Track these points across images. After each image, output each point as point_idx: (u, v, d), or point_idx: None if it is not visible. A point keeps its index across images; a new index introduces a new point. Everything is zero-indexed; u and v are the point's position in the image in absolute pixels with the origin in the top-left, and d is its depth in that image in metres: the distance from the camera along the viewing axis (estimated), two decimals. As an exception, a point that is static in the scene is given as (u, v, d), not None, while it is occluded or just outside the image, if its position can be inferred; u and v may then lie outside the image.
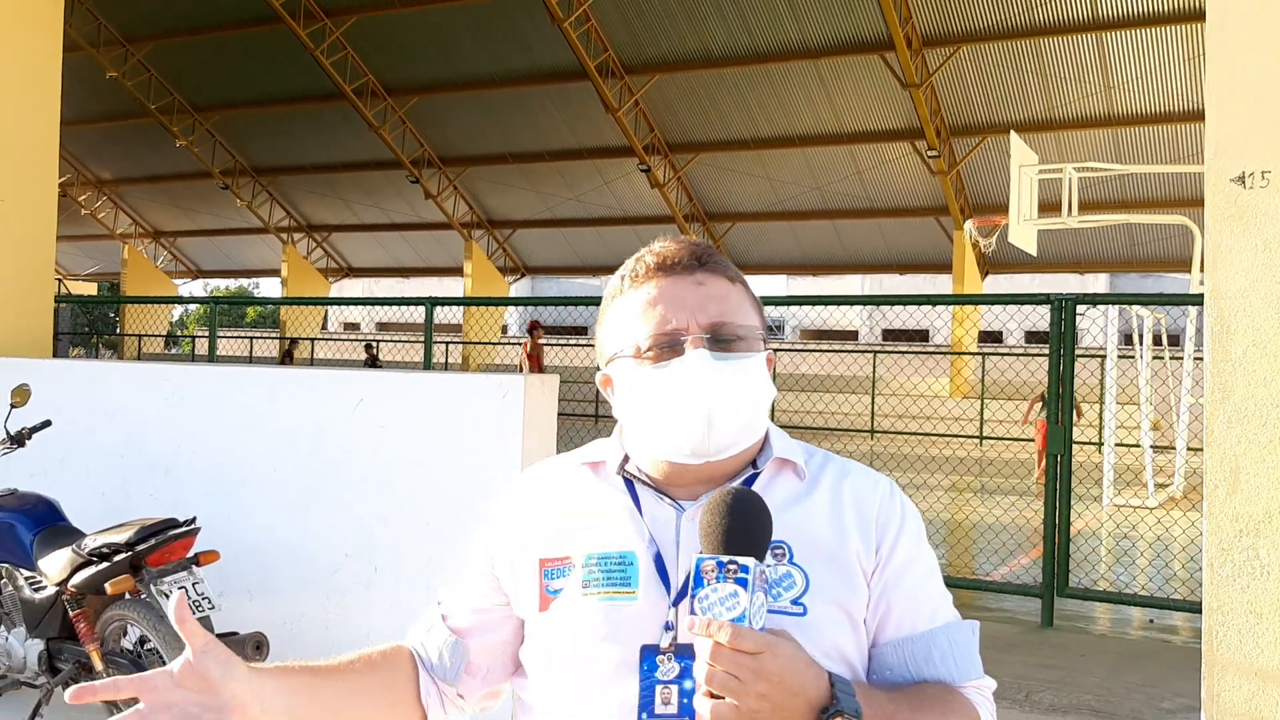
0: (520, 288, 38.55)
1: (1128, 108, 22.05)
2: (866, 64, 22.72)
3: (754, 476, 1.42)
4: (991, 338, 33.05)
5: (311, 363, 28.59)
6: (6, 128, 6.17)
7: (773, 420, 1.52)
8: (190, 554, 4.04)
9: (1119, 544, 9.67)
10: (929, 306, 10.76)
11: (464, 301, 18.37)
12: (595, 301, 6.47)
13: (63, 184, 34.38)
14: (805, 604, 1.33)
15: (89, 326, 40.14)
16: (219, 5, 25.42)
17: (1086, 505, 11.12)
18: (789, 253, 30.46)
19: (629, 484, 1.44)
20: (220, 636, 3.97)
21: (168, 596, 3.88)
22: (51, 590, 4.15)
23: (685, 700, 1.25)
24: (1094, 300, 6.10)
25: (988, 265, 27.03)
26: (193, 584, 3.96)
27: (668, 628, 1.30)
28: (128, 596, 4.00)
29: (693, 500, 1.39)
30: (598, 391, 1.48)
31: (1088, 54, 21.33)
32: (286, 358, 24.65)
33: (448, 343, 27.02)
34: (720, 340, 1.37)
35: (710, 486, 1.38)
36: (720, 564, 1.19)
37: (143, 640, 4.10)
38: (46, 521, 4.39)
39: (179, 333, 43.64)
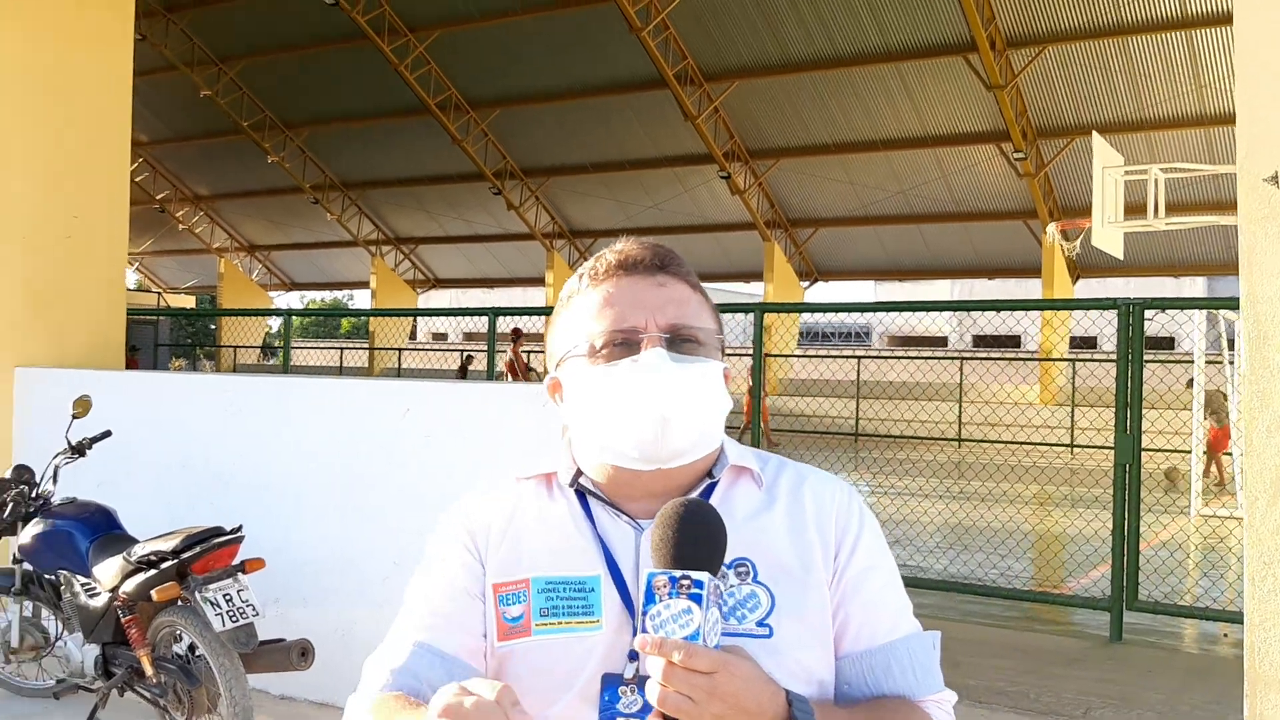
0: (604, 297, 38.72)
1: (1220, 107, 21.34)
2: (949, 66, 22.37)
3: (711, 487, 1.37)
4: (1085, 343, 32.26)
5: (399, 373, 29.08)
6: (80, 149, 6.35)
7: (857, 430, 1.46)
8: (236, 561, 4.10)
9: (1205, 556, 9.34)
10: (1019, 312, 10.57)
11: (523, 311, 18.43)
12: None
13: (161, 200, 35.57)
14: (771, 625, 1.28)
15: (191, 339, 41.29)
16: (307, 23, 26.03)
17: (1173, 516, 10.75)
18: (875, 258, 30.10)
19: (582, 499, 1.38)
20: (265, 643, 4.04)
21: (212, 604, 3.95)
22: (105, 596, 4.25)
23: None
24: (1163, 305, 5.88)
25: (1078, 269, 26.38)
26: (237, 591, 4.02)
27: (632, 657, 1.23)
28: (179, 603, 4.08)
29: (649, 517, 1.29)
30: None
31: (1177, 52, 20.71)
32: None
33: (530, 351, 27.22)
34: (679, 342, 1.33)
35: (665, 499, 1.28)
36: (673, 579, 1.13)
37: (192, 647, 4.17)
38: (103, 529, 4.50)
39: (275, 344, 44.65)
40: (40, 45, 6.16)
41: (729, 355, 1.47)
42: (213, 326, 38.81)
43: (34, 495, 4.68)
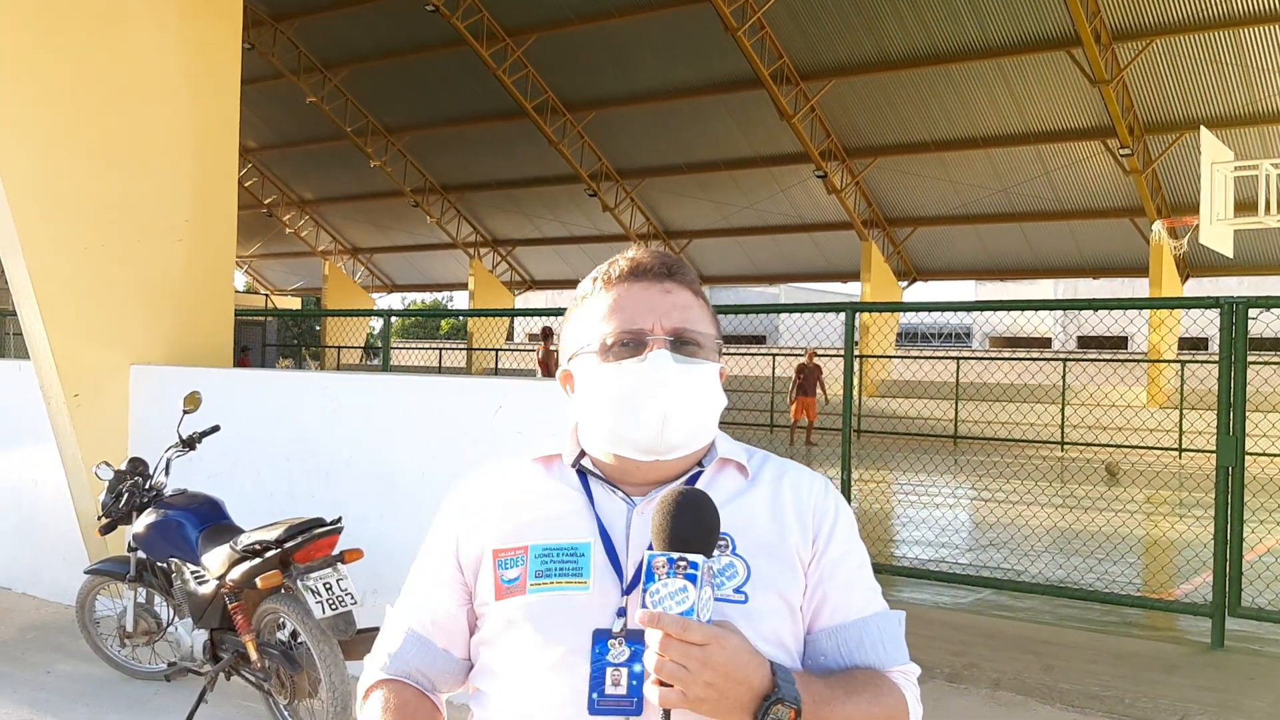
0: (699, 297, 38.71)
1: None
2: (1053, 61, 21.85)
3: (699, 474, 1.51)
4: (1195, 344, 31.25)
5: (495, 373, 29.49)
6: (189, 157, 6.62)
7: (957, 432, 1.57)
8: (335, 552, 4.25)
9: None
10: (1129, 312, 10.35)
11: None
12: (773, 310, 6.50)
13: (269, 204, 36.63)
14: (747, 592, 1.41)
15: (297, 339, 42.40)
16: (407, 30, 26.57)
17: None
18: (975, 257, 29.55)
19: (583, 477, 1.51)
20: (363, 631, 4.18)
21: (313, 592, 4.10)
22: (213, 584, 4.44)
23: (634, 682, 1.32)
24: (1269, 303, 5.71)
25: (1188, 268, 25.59)
26: (336, 580, 4.17)
27: (620, 614, 1.37)
28: (283, 591, 4.24)
29: (643, 496, 1.47)
30: (773, 400, 1.55)
31: (1293, 43, 19.96)
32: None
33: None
34: (682, 344, 1.46)
35: (659, 483, 1.47)
36: (670, 560, 1.26)
37: (295, 634, 4.34)
38: (211, 519, 4.70)
39: (377, 344, 45.56)
40: (153, 56, 6.43)
41: (821, 356, 1.56)
42: (318, 327, 39.80)
43: (147, 486, 4.91)
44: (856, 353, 7.45)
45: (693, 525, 1.29)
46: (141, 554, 4.88)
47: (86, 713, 4.70)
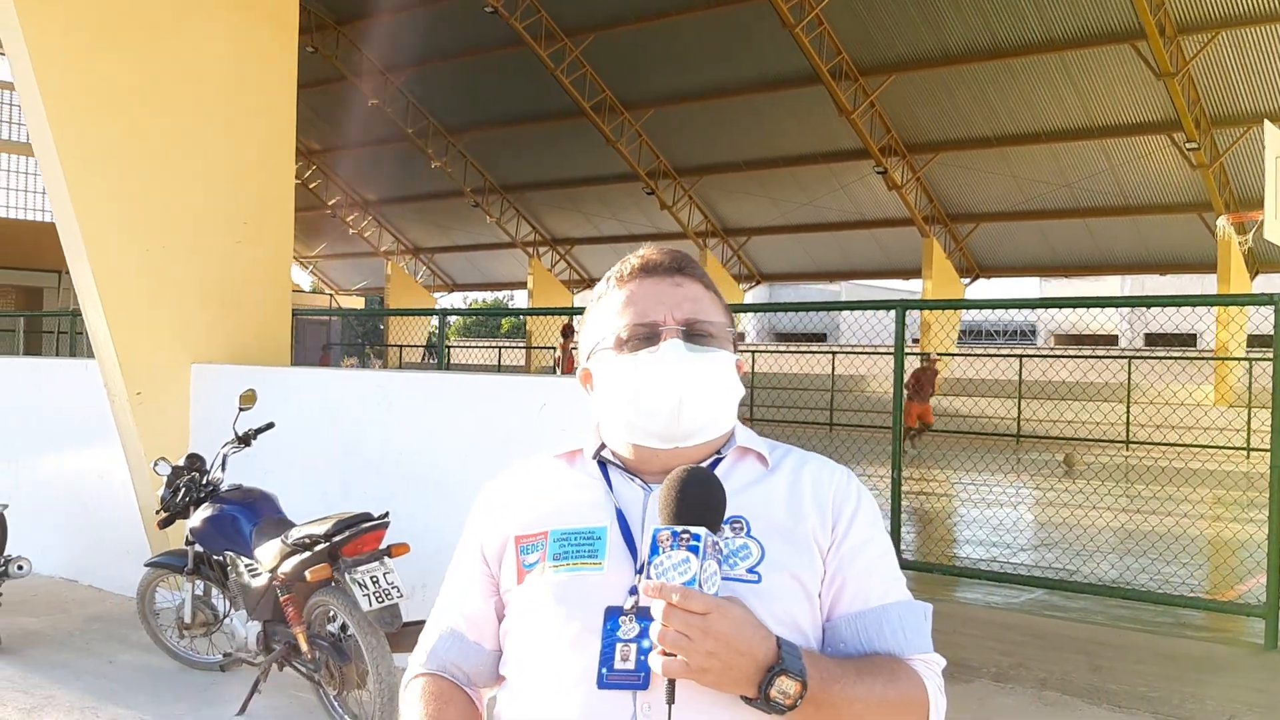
0: (757, 295, 38.67)
1: None
2: (1116, 54, 21.48)
3: (717, 461, 1.54)
4: (1264, 342, 30.52)
5: (554, 371, 29.65)
6: (248, 160, 6.78)
7: (1020, 431, 1.58)
8: (382, 546, 4.35)
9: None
10: (1198, 309, 10.14)
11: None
12: (834, 307, 6.54)
13: (333, 205, 37.18)
14: (760, 572, 1.42)
15: (362, 338, 42.99)
16: (467, 32, 26.83)
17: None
18: (1039, 253, 29.15)
19: (603, 468, 1.56)
20: (409, 624, 4.26)
21: (360, 585, 4.20)
22: (265, 577, 4.56)
23: (642, 657, 1.35)
24: (1326, 299, 5.59)
25: (1258, 264, 25.02)
26: (383, 573, 4.26)
27: (632, 592, 1.40)
28: (333, 584, 4.34)
29: (660, 482, 1.46)
30: (831, 398, 1.59)
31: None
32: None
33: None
34: (694, 335, 1.51)
35: None
36: (674, 533, 1.30)
37: (344, 626, 4.44)
38: (264, 514, 4.83)
39: (440, 343, 45.94)
40: (212, 61, 6.60)
41: (873, 352, 1.58)
42: (381, 326, 40.32)
43: (204, 482, 5.05)
44: (915, 351, 7.39)
45: (697, 500, 1.33)
46: (199, 547, 5.02)
47: (146, 701, 4.85)
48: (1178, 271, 28.17)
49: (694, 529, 1.29)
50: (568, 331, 18.22)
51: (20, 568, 5.66)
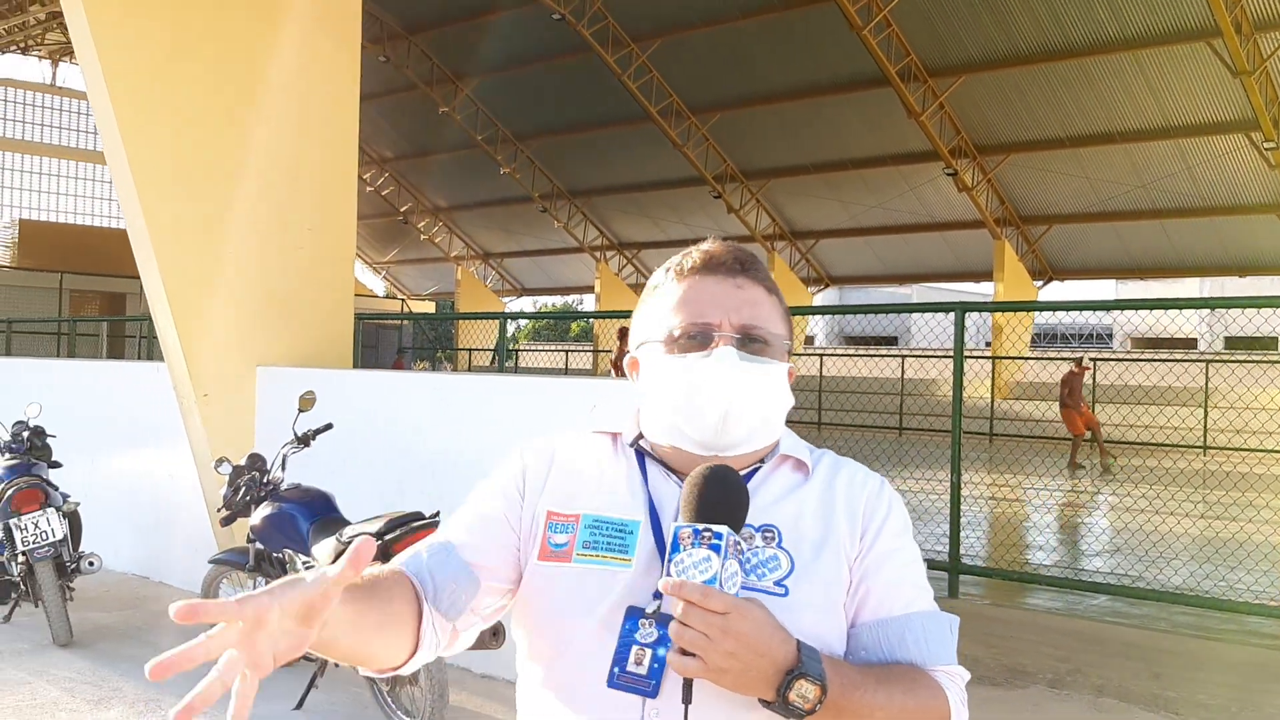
0: (826, 298, 38.41)
1: None
2: (1191, 52, 21.00)
3: (756, 470, 1.49)
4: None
5: (610, 373, 29.75)
6: (312, 168, 6.94)
7: (1102, 435, 1.50)
8: (433, 545, 4.42)
9: None
10: (1274, 310, 9.91)
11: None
12: (891, 309, 6.51)
13: (404, 212, 37.73)
14: (788, 586, 1.39)
15: (434, 342, 43.53)
16: (534, 39, 27.06)
17: None
18: (1113, 255, 28.58)
19: (640, 457, 1.51)
20: (459, 622, 4.33)
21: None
22: (321, 574, 4.66)
23: (656, 665, 1.31)
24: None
25: (1340, 265, 24.31)
26: (433, 572, 4.34)
27: (656, 596, 1.35)
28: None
29: None
30: (901, 402, 1.55)
31: None
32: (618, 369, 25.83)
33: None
34: (749, 342, 1.45)
35: None
36: (696, 531, 1.27)
37: (397, 622, 4.52)
38: (321, 512, 4.93)
39: (510, 347, 46.38)
40: (276, 76, 6.76)
41: (944, 358, 1.55)
42: (452, 330, 40.80)
43: (264, 481, 5.18)
44: (980, 353, 7.31)
45: (719, 498, 1.30)
46: (259, 545, 5.15)
47: (208, 693, 4.97)
48: (1258, 273, 27.46)
49: (716, 527, 1.26)
50: (624, 334, 18.37)
51: (91, 564, 5.86)
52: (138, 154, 6.14)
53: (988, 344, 28.59)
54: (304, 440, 5.22)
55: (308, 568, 4.77)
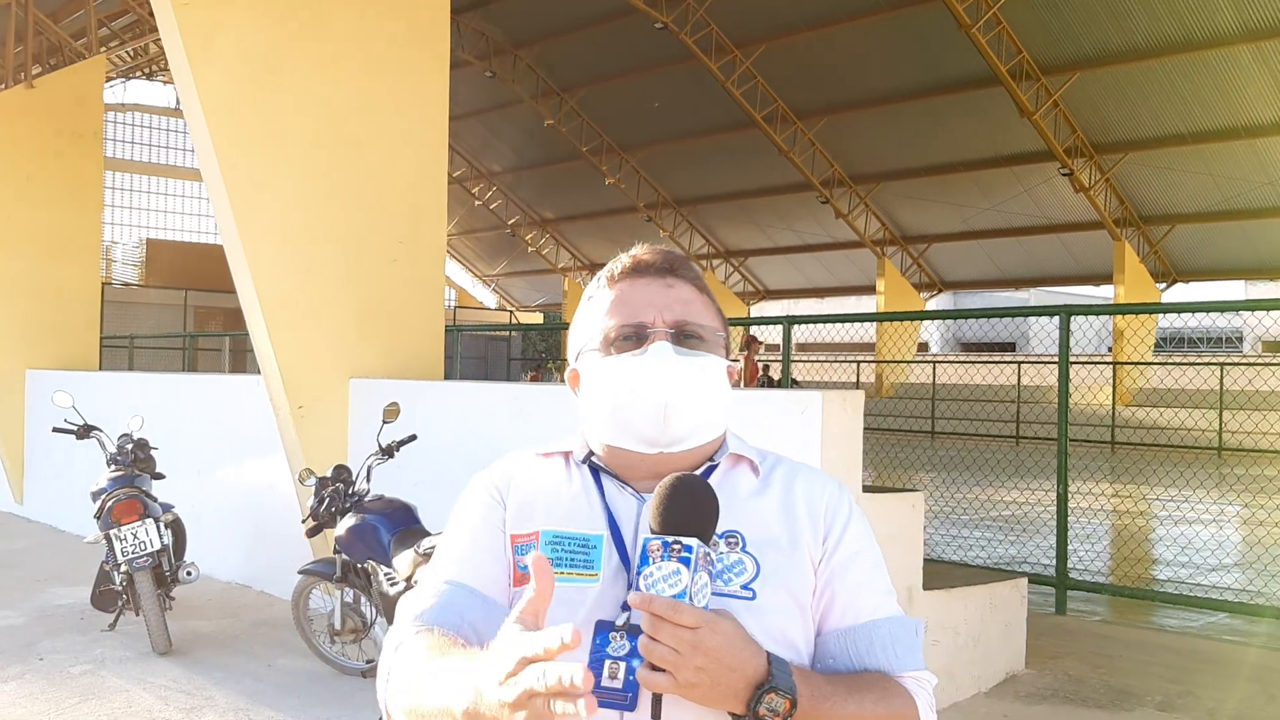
0: (940, 303, 37.65)
1: None
2: (1318, 41, 20.05)
3: (710, 470, 1.50)
4: None
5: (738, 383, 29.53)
6: (403, 183, 7.02)
7: (1221, 444, 1.50)
8: (508, 557, 4.39)
9: None
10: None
11: (864, 318, 18.25)
12: (994, 314, 6.30)
13: (512, 224, 38.22)
14: (755, 589, 1.39)
15: (544, 353, 43.99)
16: (638, 49, 27.12)
17: None
18: (1241, 256, 27.36)
19: (594, 472, 1.51)
20: (535, 634, 4.30)
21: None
22: (401, 586, 4.68)
23: (630, 677, 1.28)
24: None
25: None
26: (508, 585, 4.31)
27: (625, 608, 1.33)
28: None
29: (651, 491, 1.40)
30: (1017, 410, 1.52)
31: None
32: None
33: (859, 361, 26.93)
34: (684, 337, 1.47)
35: None
36: (665, 544, 1.25)
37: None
38: (403, 524, 4.95)
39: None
40: (368, 93, 6.86)
41: (1052, 361, 1.48)
42: (560, 341, 41.12)
43: (350, 492, 5.23)
44: (1111, 358, 7.02)
45: (689, 510, 1.28)
46: (345, 556, 5.20)
47: (295, 705, 5.04)
48: (1401, 271, 26.02)
49: (685, 540, 1.25)
50: (750, 343, 18.34)
51: (189, 574, 6.00)
52: (232, 173, 6.27)
53: (1109, 349, 27.61)
54: (388, 451, 5.26)
55: (389, 579, 4.80)
